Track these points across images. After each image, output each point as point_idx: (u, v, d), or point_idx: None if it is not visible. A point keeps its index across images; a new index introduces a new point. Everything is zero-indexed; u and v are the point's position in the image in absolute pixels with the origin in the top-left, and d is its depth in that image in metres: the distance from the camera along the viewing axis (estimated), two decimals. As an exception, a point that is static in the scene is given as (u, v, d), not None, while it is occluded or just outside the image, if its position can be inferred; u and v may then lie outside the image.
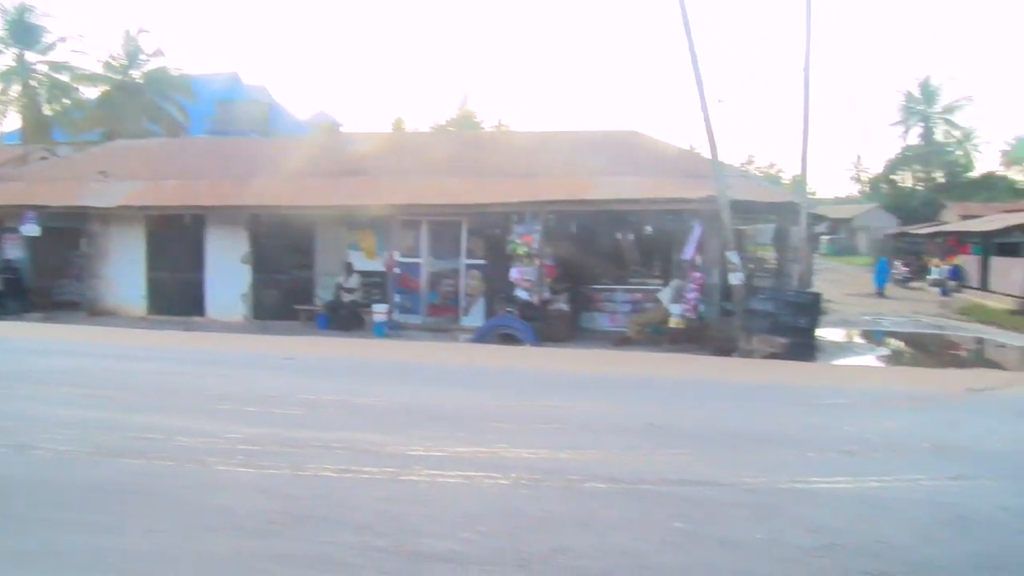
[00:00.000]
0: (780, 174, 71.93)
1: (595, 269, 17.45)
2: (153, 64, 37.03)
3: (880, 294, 31.83)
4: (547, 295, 16.08)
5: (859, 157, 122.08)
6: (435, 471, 6.10)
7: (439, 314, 17.41)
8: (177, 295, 18.57)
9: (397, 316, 17.00)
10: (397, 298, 17.32)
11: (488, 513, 5.27)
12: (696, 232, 15.23)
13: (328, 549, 4.63)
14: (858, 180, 77.41)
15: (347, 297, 17.21)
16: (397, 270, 17.36)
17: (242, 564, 4.48)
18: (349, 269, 17.44)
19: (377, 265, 17.69)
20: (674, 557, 4.54)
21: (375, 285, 17.59)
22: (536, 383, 10.85)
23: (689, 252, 15.21)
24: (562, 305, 16.22)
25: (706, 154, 16.78)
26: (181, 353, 13.15)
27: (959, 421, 8.55)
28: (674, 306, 15.31)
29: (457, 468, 6.18)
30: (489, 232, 16.95)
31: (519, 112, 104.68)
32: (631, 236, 17.58)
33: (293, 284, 18.51)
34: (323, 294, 17.90)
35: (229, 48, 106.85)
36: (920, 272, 37.54)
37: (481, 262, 17.07)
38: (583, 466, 6.34)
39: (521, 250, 15.82)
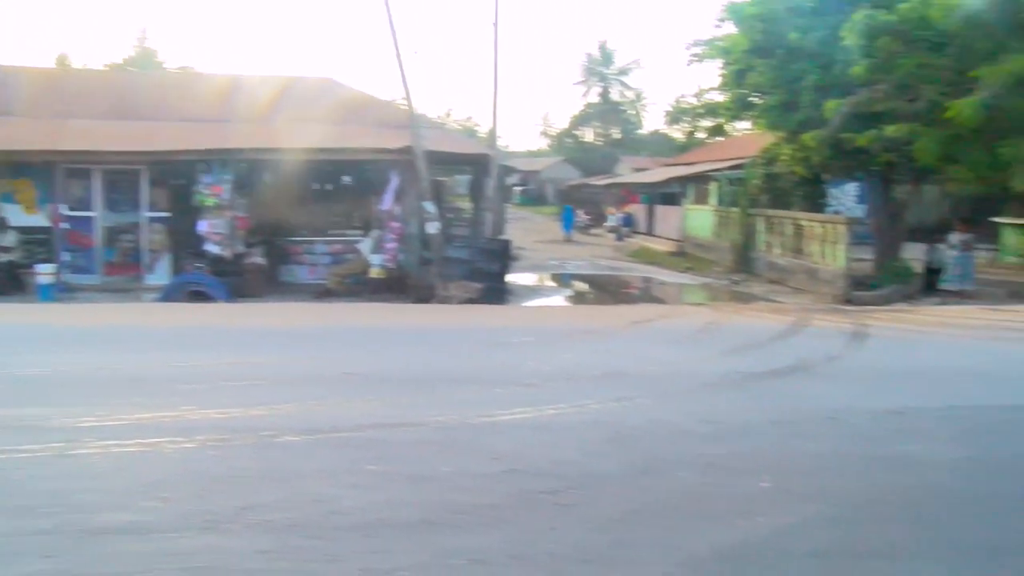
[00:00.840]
0: (476, 127, 74.51)
1: (293, 221, 16.96)
2: None
3: (568, 239, 34.66)
4: (241, 249, 15.34)
5: (547, 113, 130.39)
6: (111, 441, 5.63)
7: (119, 273, 15.90)
8: None
9: (68, 277, 15.22)
10: (66, 257, 15.48)
11: (172, 479, 4.99)
12: (393, 182, 15.38)
13: (-23, 539, 4.10)
14: (546, 135, 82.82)
15: (3, 257, 15.07)
16: (65, 225, 15.49)
17: None
18: (3, 225, 15.25)
19: (40, 220, 15.67)
20: (365, 498, 4.65)
21: (39, 243, 15.56)
22: (229, 340, 10.38)
23: (387, 202, 15.34)
24: (257, 259, 15.60)
25: (404, 105, 16.92)
26: None
27: (624, 351, 9.64)
28: (374, 256, 15.43)
29: (136, 436, 5.75)
30: (173, 182, 15.73)
31: (206, 53, 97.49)
32: (329, 186, 17.30)
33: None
34: (-28, 255, 15.50)
35: None
36: (599, 220, 41.35)
37: (165, 215, 15.80)
38: (276, 420, 6.22)
39: (210, 201, 14.89)
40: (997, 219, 22.36)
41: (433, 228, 15.33)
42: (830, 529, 4.38)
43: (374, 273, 15.34)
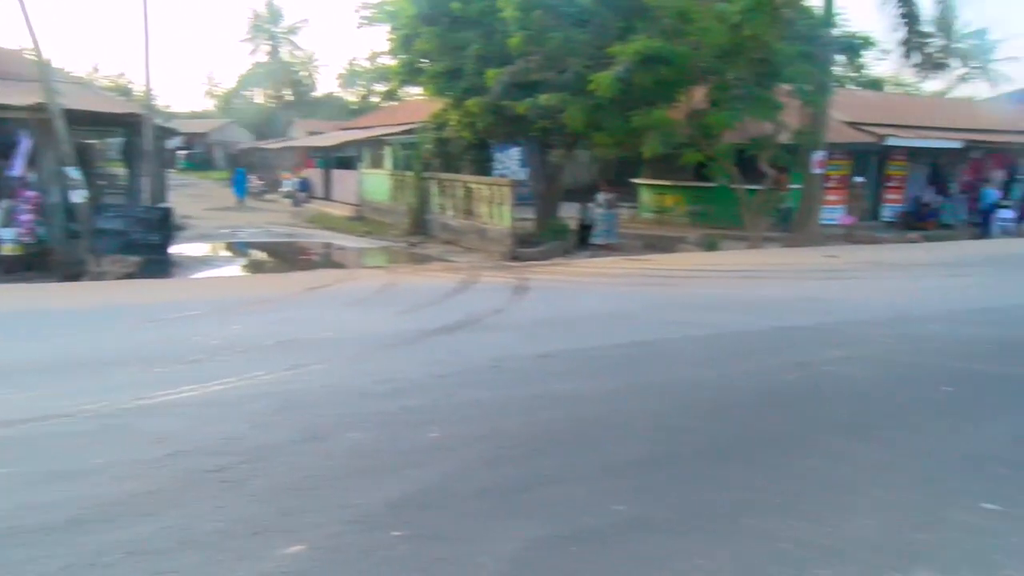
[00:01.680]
0: (131, 85, 67.72)
1: None
2: None
3: (241, 205, 33.10)
4: None
5: (212, 72, 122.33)
6: None
7: None
8: None
9: None
10: None
11: None
12: (24, 145, 13.49)
13: None
14: (212, 95, 77.76)
15: None
16: None
17: None
18: None
19: None
20: (1, 505, 4.12)
21: None
22: None
23: (17, 168, 13.45)
24: None
25: (33, 56, 14.82)
26: None
27: (299, 317, 9.48)
28: (5, 231, 13.50)
29: None
30: None
31: None
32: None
33: None
34: None
35: None
36: (275, 185, 39.97)
37: None
38: None
39: None
40: (635, 180, 25.35)
41: (79, 196, 13.75)
42: (492, 468, 4.73)
43: (7, 250, 13.45)
